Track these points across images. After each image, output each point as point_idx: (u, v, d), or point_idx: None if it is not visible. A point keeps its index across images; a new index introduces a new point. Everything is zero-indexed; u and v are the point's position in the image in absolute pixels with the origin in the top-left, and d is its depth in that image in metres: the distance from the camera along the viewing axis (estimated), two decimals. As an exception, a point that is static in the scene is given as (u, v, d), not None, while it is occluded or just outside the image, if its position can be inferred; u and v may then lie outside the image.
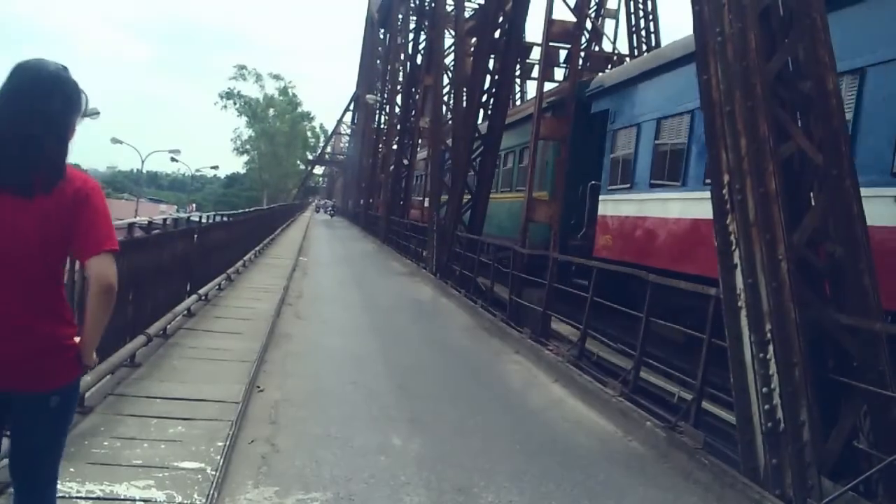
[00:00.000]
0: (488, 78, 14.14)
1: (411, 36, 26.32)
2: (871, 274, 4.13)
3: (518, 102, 23.83)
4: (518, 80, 24.28)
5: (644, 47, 17.73)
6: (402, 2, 29.60)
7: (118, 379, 5.16)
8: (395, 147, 28.99)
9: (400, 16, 30.33)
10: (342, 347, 8.04)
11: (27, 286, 2.04)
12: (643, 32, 18.15)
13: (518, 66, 15.88)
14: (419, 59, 24.36)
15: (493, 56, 14.12)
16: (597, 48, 16.84)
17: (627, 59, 16.51)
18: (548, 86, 12.36)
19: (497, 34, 13.75)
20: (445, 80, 19.58)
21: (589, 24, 15.67)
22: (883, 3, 6.08)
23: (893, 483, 3.79)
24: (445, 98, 19.09)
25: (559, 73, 13.65)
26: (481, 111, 14.36)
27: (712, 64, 4.63)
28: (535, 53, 15.88)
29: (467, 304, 11.70)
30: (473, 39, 18.47)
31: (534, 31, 65.24)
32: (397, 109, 30.40)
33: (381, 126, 36.14)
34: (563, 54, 12.50)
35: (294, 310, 10.18)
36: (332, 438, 4.77)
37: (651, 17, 18.28)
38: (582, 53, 13.08)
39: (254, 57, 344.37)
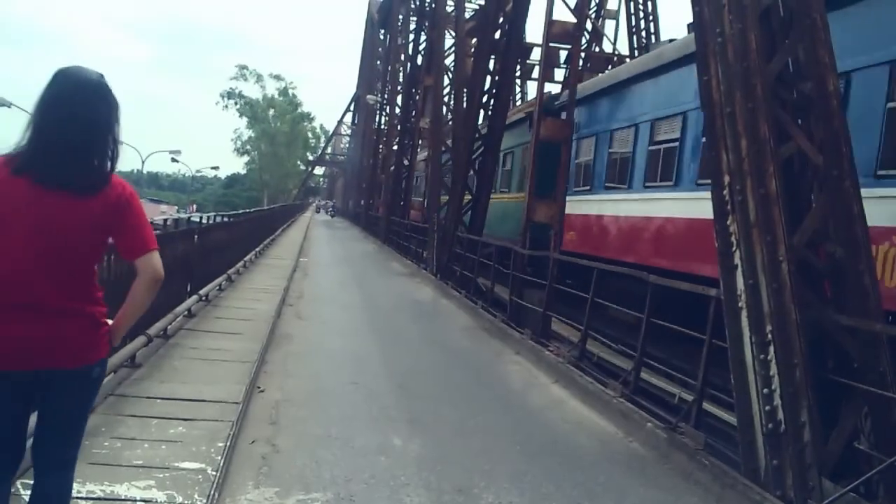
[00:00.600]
0: (488, 78, 14.13)
1: (412, 36, 26.30)
2: (872, 275, 4.13)
3: (518, 103, 23.83)
4: (518, 81, 24.30)
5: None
6: (403, 2, 29.58)
7: (119, 379, 5.15)
8: (395, 147, 28.96)
9: (400, 16, 30.30)
10: (342, 348, 8.04)
11: (70, 276, 2.19)
12: (643, 33, 18.17)
13: (518, 67, 15.89)
14: (419, 60, 24.34)
15: (493, 57, 14.10)
16: (597, 49, 16.86)
17: (628, 59, 16.51)
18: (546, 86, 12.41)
19: (497, 35, 13.74)
20: (446, 81, 19.58)
21: (589, 25, 15.69)
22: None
23: (894, 484, 3.80)
24: (446, 99, 19.08)
25: (559, 74, 13.65)
26: (482, 112, 14.36)
27: (713, 65, 4.63)
28: (536, 54, 15.93)
29: (468, 305, 11.70)
30: (474, 40, 18.47)
31: (534, 31, 65.13)
32: (397, 110, 30.36)
33: (382, 126, 36.10)
34: (563, 55, 12.50)
35: (294, 310, 10.19)
36: (332, 439, 4.77)
37: (651, 17, 18.30)
38: (582, 54, 13.09)
39: (254, 57, 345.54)
